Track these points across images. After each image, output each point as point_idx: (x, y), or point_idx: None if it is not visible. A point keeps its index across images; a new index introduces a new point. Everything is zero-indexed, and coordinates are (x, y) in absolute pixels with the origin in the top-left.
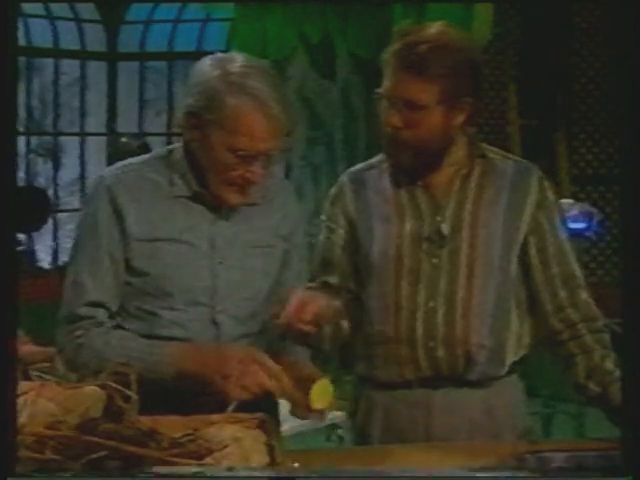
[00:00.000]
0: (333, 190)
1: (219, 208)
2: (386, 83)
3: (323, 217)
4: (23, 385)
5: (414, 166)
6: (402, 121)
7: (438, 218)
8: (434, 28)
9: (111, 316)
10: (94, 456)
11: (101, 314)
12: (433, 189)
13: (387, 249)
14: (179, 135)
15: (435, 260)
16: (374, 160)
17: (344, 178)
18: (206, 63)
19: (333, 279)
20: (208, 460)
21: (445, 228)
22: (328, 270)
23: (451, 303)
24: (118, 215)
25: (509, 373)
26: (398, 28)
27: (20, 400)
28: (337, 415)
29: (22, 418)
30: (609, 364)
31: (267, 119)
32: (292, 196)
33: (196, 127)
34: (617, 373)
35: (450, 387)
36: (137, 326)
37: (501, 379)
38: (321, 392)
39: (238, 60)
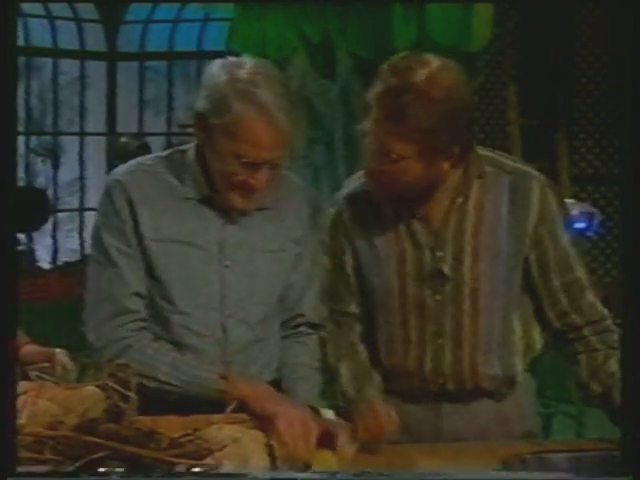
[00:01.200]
0: (331, 214)
1: (229, 212)
2: (368, 124)
3: (325, 238)
4: (23, 385)
5: (401, 202)
6: (382, 167)
7: (439, 254)
8: (425, 70)
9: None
10: (93, 456)
11: (143, 308)
12: (431, 220)
13: (391, 285)
14: (179, 135)
15: (438, 297)
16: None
17: (342, 202)
18: (216, 66)
19: (353, 308)
20: (208, 460)
21: (446, 269)
22: (346, 299)
23: (458, 339)
24: (133, 214)
25: (520, 381)
26: (387, 63)
27: (20, 400)
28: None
29: (22, 418)
30: (613, 365)
31: (272, 128)
32: (305, 198)
33: (204, 130)
34: (620, 374)
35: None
36: (157, 328)
37: (512, 389)
38: (322, 460)
39: (247, 66)
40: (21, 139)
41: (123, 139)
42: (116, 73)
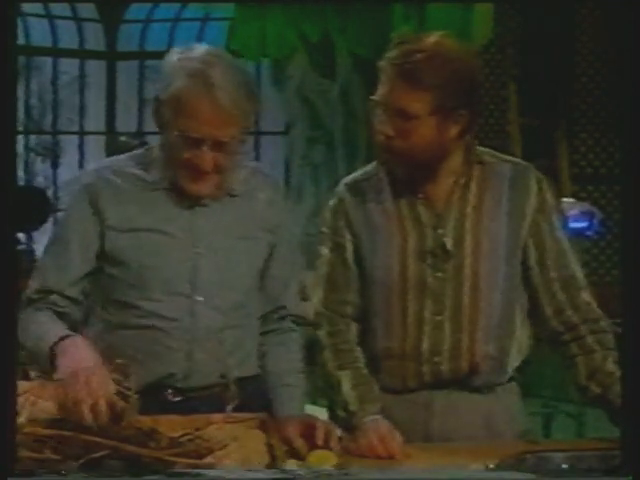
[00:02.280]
0: (332, 201)
1: (198, 199)
2: (380, 90)
3: (325, 230)
4: (23, 385)
5: (408, 175)
6: (394, 130)
7: (440, 231)
8: (432, 37)
9: (70, 300)
10: (94, 456)
11: (54, 297)
12: (433, 201)
13: (391, 264)
14: None
15: (440, 274)
16: (370, 168)
17: (342, 189)
18: (172, 52)
19: (351, 296)
20: (208, 460)
21: (449, 242)
22: (345, 288)
23: (457, 316)
24: (97, 209)
25: (509, 379)
26: (396, 35)
27: (20, 400)
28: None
29: (21, 418)
30: (610, 365)
31: (214, 104)
32: (278, 191)
33: (157, 112)
34: (618, 374)
35: (452, 390)
36: (119, 317)
37: (502, 385)
38: (321, 460)
39: (201, 49)
40: (21, 138)
41: (122, 138)
42: (116, 72)
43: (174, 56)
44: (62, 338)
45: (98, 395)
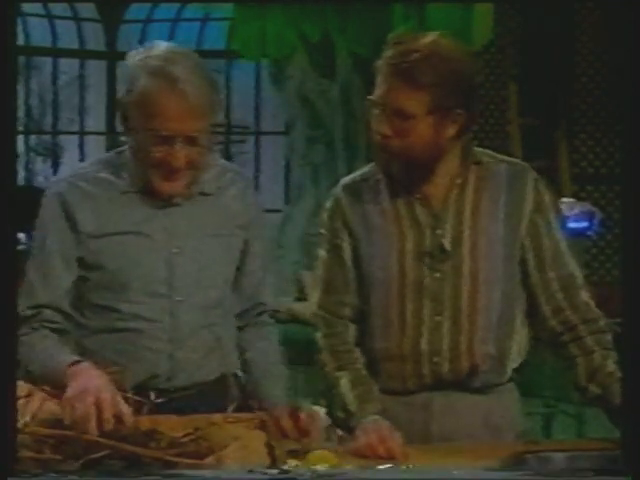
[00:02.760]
0: (329, 203)
1: (172, 199)
2: (377, 90)
3: (323, 231)
4: (23, 385)
5: (405, 176)
6: (391, 129)
7: (438, 232)
8: (428, 37)
9: (65, 316)
10: (94, 456)
11: (48, 313)
12: (431, 201)
13: (389, 265)
14: None
15: (438, 274)
16: (367, 170)
17: (339, 190)
18: (134, 52)
19: (349, 298)
20: (209, 460)
21: (447, 243)
22: (343, 289)
23: (456, 316)
24: (69, 217)
25: (508, 380)
26: (392, 35)
27: (20, 400)
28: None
29: (22, 418)
30: (610, 365)
31: (177, 99)
32: (249, 187)
33: (124, 115)
34: (618, 374)
35: (450, 391)
36: (98, 322)
37: (501, 385)
38: (321, 460)
39: (161, 47)
40: (21, 138)
41: (122, 138)
42: (115, 72)
43: (135, 57)
44: (70, 365)
45: (107, 410)
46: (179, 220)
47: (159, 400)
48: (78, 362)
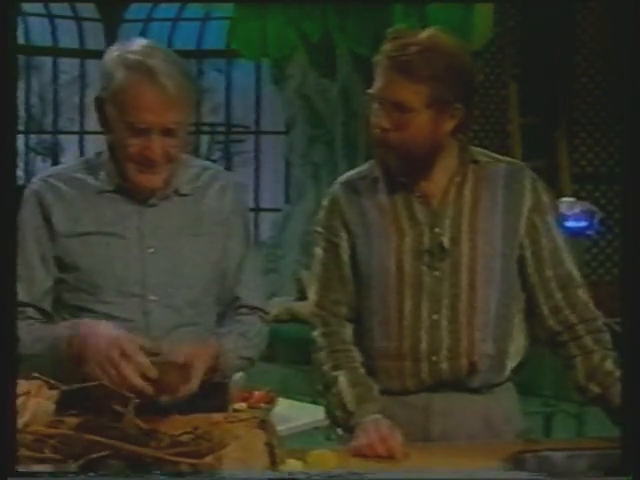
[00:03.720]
0: (326, 201)
1: (146, 199)
2: (376, 84)
3: (319, 229)
4: (23, 385)
5: (404, 172)
6: (390, 123)
7: (437, 230)
8: (426, 32)
9: (44, 314)
10: (94, 455)
11: (30, 311)
12: (429, 199)
13: (388, 263)
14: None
15: (437, 273)
16: (365, 168)
17: (337, 188)
18: (111, 49)
19: (346, 296)
20: (208, 459)
21: (446, 241)
22: (340, 288)
23: (455, 315)
24: (45, 216)
25: (507, 379)
26: (391, 30)
27: (21, 399)
28: None
29: (22, 417)
30: (609, 365)
31: (155, 90)
32: (228, 183)
33: (100, 111)
34: (617, 373)
35: (449, 391)
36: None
37: (499, 385)
38: (321, 460)
39: (138, 43)
40: (21, 138)
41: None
42: None
43: (112, 53)
44: (75, 325)
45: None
46: (153, 220)
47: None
48: (78, 323)
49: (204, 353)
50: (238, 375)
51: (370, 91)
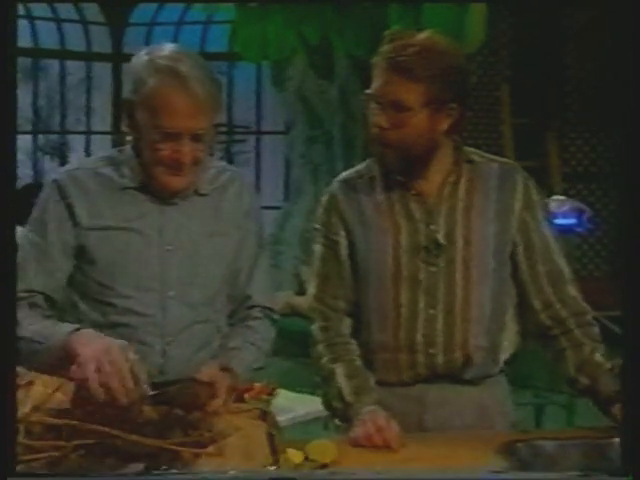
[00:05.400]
0: (325, 198)
1: (168, 197)
2: (374, 84)
3: (318, 226)
4: (30, 375)
5: (401, 170)
6: (388, 121)
7: (432, 227)
8: (423, 34)
9: (52, 305)
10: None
11: (39, 299)
12: (425, 197)
13: (385, 259)
14: None
15: (433, 268)
16: (362, 167)
17: (335, 186)
18: (140, 54)
19: (344, 291)
20: (210, 449)
21: (441, 238)
22: (338, 283)
23: (450, 309)
24: (69, 208)
25: (499, 372)
26: (388, 32)
27: (22, 389)
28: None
29: (24, 407)
30: (598, 357)
31: (187, 96)
32: (247, 188)
33: (129, 114)
34: (606, 365)
35: (444, 383)
36: (95, 315)
37: (493, 377)
38: (320, 450)
39: (168, 48)
40: (29, 138)
41: (128, 137)
42: (121, 74)
43: (142, 57)
44: (73, 331)
45: (124, 371)
46: (173, 219)
47: (152, 393)
48: (79, 329)
49: (223, 375)
50: None
51: (369, 91)
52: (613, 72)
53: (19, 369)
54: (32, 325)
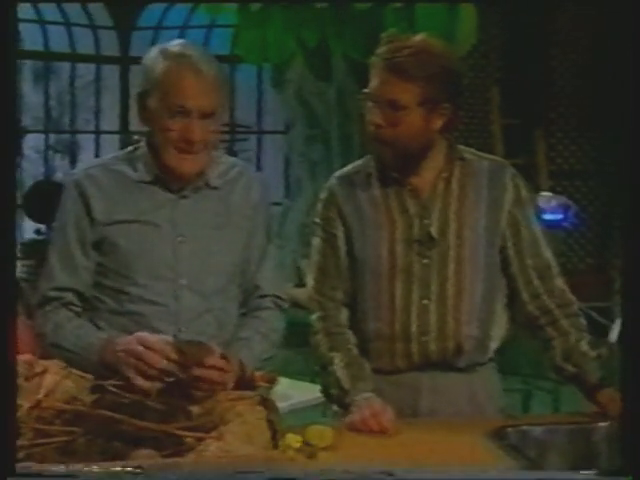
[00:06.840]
0: (324, 194)
1: (181, 189)
2: (371, 84)
3: (317, 220)
4: (40, 363)
5: (396, 167)
6: (384, 120)
7: (426, 221)
8: (418, 36)
9: (83, 299)
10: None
11: (70, 296)
12: (419, 192)
13: (380, 251)
14: None
15: (426, 260)
16: (359, 164)
17: (333, 182)
18: (150, 51)
19: (342, 283)
20: (213, 434)
21: (434, 231)
22: (336, 275)
23: (443, 300)
24: (86, 206)
25: (490, 360)
26: (385, 34)
27: (36, 378)
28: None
29: (37, 395)
30: (584, 346)
31: (194, 76)
32: (256, 182)
33: (142, 106)
34: (592, 354)
35: (437, 371)
36: (110, 303)
37: (483, 365)
38: (318, 434)
39: (179, 42)
40: (41, 137)
41: (135, 137)
42: (129, 76)
43: (153, 52)
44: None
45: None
46: (185, 211)
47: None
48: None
49: (233, 363)
50: None
51: (366, 90)
52: (597, 75)
53: (31, 358)
54: (68, 324)
